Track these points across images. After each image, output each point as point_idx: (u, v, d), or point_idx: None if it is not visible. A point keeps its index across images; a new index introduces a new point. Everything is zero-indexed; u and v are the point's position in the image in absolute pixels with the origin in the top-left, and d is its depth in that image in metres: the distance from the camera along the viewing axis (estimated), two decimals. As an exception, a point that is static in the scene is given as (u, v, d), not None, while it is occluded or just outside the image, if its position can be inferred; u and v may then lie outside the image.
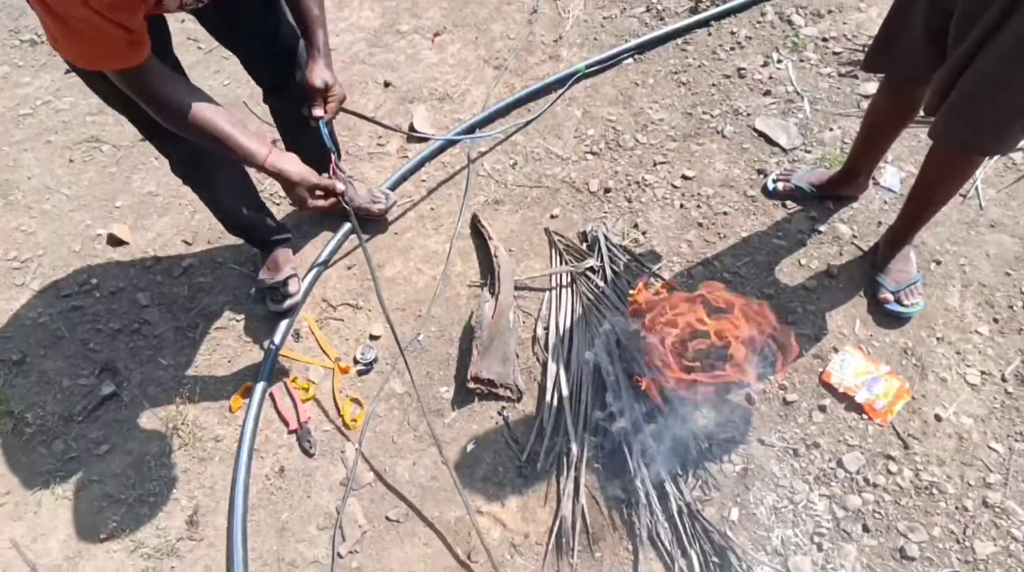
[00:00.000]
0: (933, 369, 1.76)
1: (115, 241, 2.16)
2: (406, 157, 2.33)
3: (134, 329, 1.97)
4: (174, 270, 2.09)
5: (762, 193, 2.11)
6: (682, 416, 1.65)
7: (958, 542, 1.52)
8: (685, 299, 1.71)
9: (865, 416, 1.69)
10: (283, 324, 1.89)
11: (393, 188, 2.22)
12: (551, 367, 1.79)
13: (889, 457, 1.63)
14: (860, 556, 1.52)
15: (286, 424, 1.77)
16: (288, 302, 1.90)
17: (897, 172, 2.11)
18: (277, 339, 1.86)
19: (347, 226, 2.08)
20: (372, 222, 2.12)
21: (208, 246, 2.14)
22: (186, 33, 2.81)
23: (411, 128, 2.40)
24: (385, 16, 2.84)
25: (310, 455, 1.72)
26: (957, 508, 1.56)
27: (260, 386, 1.77)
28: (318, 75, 1.46)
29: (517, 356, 1.83)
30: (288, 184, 1.33)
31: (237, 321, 1.97)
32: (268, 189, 2.24)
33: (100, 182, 2.36)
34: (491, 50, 2.65)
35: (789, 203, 2.09)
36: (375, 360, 1.87)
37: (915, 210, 1.77)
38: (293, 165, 1.32)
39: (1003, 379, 1.74)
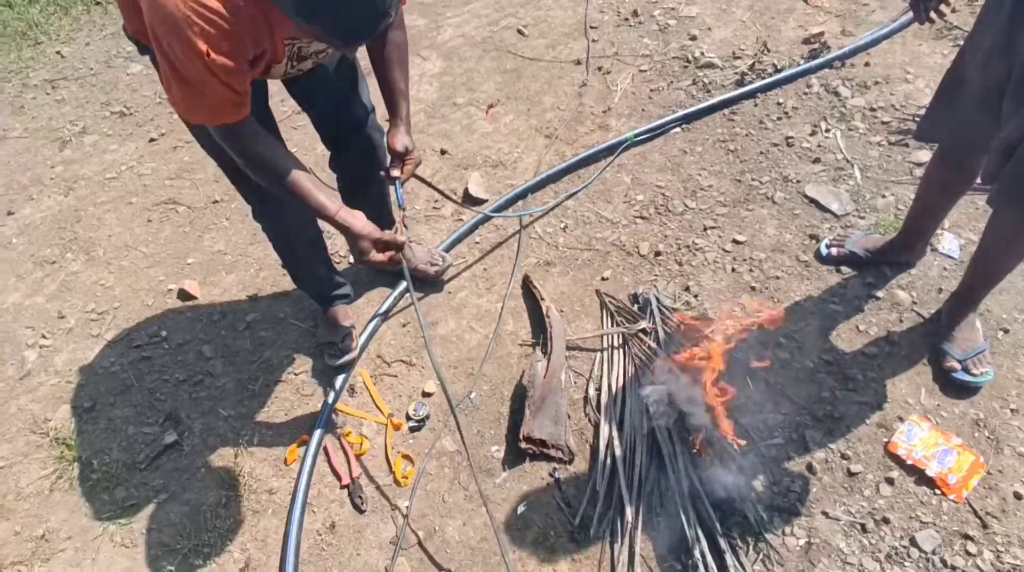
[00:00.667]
0: (1009, 443, 1.67)
1: (185, 296, 2.28)
2: (461, 220, 2.42)
3: (198, 380, 2.05)
4: (238, 324, 2.18)
5: (815, 258, 2.11)
6: (740, 481, 1.60)
7: (1052, 635, 1.40)
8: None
9: (938, 491, 1.61)
10: (339, 379, 1.94)
11: (448, 250, 2.30)
12: (603, 429, 1.78)
13: (967, 537, 1.54)
14: (942, 645, 1.41)
15: (339, 478, 1.79)
16: (345, 357, 1.96)
17: (955, 238, 2.09)
18: (333, 393, 1.91)
19: (403, 285, 2.16)
20: (428, 282, 2.19)
21: (271, 302, 2.24)
22: (260, 106, 3.04)
23: (466, 193, 2.50)
24: (442, 90, 3.02)
25: (361, 511, 1.72)
26: (1047, 596, 1.45)
27: (315, 439, 1.80)
28: (399, 141, 1.58)
29: (569, 417, 1.83)
30: (352, 237, 1.44)
31: (296, 374, 2.03)
32: (330, 247, 2.35)
33: (174, 240, 2.52)
34: (542, 120, 2.78)
35: (844, 268, 2.07)
36: (427, 417, 1.88)
37: (978, 277, 1.74)
38: (359, 220, 1.45)
39: (1088, 456, 1.64)
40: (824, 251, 2.09)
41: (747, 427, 1.75)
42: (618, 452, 1.71)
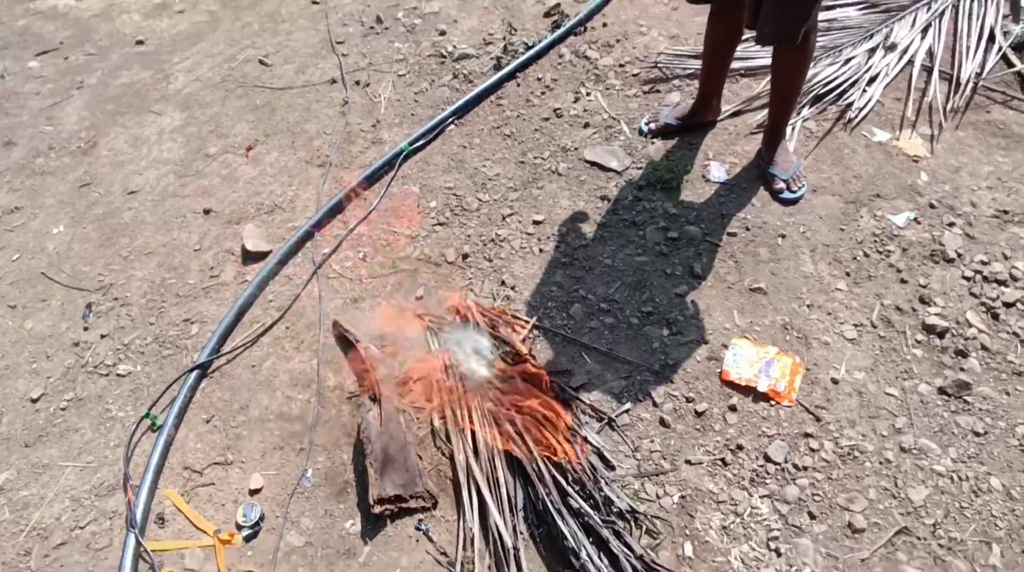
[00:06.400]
0: (814, 336, 1.81)
1: (-98, 481, 1.75)
2: (246, 282, 2.13)
3: (-54, 583, 1.57)
4: (-12, 492, 1.71)
5: (638, 135, 2.36)
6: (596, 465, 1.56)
7: (894, 497, 1.53)
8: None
9: (773, 403, 1.69)
10: (139, 512, 1.59)
11: (240, 315, 2.02)
12: (459, 458, 1.64)
13: (807, 435, 1.63)
14: (817, 547, 1.47)
15: (170, 634, 1.46)
16: None
17: (721, 166, 2.24)
18: (134, 535, 1.55)
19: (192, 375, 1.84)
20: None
21: (25, 449, 1.79)
22: (-44, 215, 2.46)
23: (243, 250, 2.21)
24: (189, 143, 2.66)
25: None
26: (882, 463, 1.58)
27: (124, 600, 1.45)
28: None
29: (420, 458, 1.66)
30: None
31: (80, 528, 1.63)
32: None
33: None
34: (310, 150, 2.55)
35: (639, 219, 2.13)
36: (262, 517, 1.61)
37: (778, 107, 2.06)
38: None
39: (873, 325, 1.82)
40: (644, 128, 2.36)
41: (595, 404, 1.72)
42: (481, 480, 1.58)
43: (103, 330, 2.05)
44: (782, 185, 2.10)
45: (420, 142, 2.46)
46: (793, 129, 2.31)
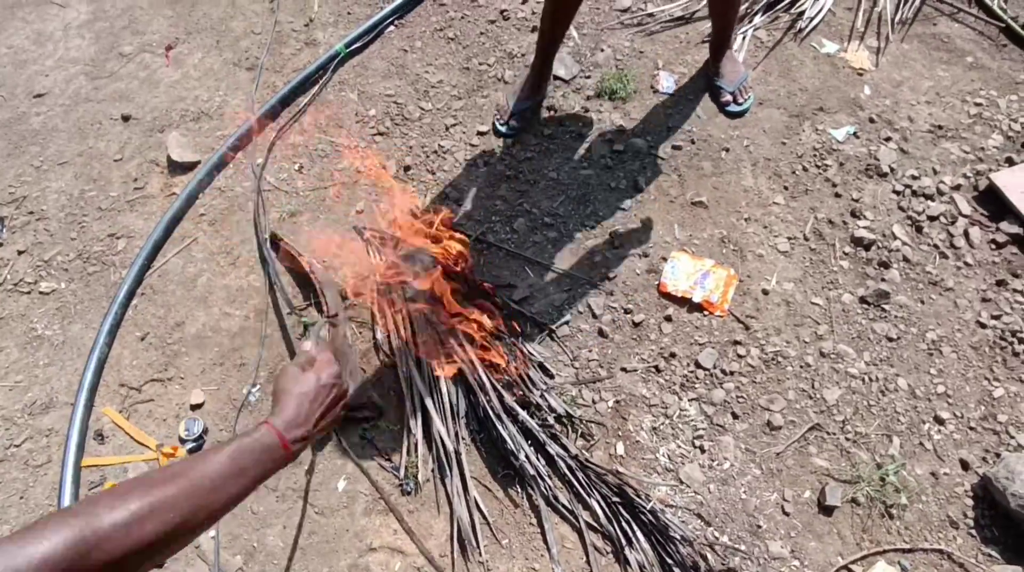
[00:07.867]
0: (749, 249, 1.87)
1: None
2: (174, 194, 2.02)
3: None
4: (-89, 414, 1.66)
5: (498, 137, 2.06)
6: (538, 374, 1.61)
7: (810, 397, 1.64)
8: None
9: (706, 313, 1.76)
10: (75, 431, 1.57)
11: (170, 230, 1.93)
12: (401, 370, 1.66)
13: (736, 343, 1.72)
14: (737, 443, 1.58)
15: (118, 542, 1.49)
16: None
17: (670, 75, 2.19)
18: (72, 450, 1.55)
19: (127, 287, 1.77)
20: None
21: (-51, 370, 1.72)
22: None
23: (169, 159, 2.08)
24: (100, 40, 2.42)
25: (159, 566, 1.46)
26: (802, 367, 1.68)
27: (67, 513, 1.46)
28: None
29: (364, 371, 1.68)
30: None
31: (16, 446, 1.61)
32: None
33: None
34: (238, 51, 2.36)
35: (585, 131, 2.08)
36: (205, 431, 1.62)
37: (719, 24, 2.00)
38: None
39: (805, 238, 1.89)
40: (503, 129, 2.05)
41: (536, 316, 1.75)
42: (422, 389, 1.62)
43: (20, 246, 1.93)
44: (728, 97, 2.07)
45: (357, 44, 2.31)
46: (744, 39, 2.25)
